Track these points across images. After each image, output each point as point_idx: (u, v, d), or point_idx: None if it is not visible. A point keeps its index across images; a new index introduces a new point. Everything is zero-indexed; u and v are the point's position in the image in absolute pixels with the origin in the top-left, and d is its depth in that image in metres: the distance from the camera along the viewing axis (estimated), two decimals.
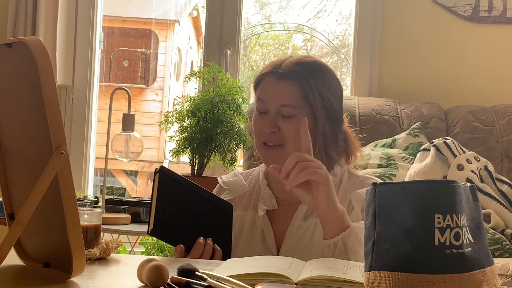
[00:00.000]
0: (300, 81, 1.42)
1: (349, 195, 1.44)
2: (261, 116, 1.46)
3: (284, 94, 1.43)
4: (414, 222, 0.83)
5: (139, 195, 5.49)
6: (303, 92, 1.42)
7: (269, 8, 4.44)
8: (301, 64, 1.45)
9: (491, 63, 2.86)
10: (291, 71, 1.44)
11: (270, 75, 1.46)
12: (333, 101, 1.46)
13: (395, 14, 2.92)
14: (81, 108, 3.14)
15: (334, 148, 1.48)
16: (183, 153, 2.13)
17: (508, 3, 2.85)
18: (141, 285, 0.96)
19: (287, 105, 1.42)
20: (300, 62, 1.46)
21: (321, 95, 1.43)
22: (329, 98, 1.45)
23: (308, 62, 1.47)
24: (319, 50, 4.19)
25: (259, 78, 1.49)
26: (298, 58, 1.48)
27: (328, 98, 1.45)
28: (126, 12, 5.52)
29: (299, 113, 1.42)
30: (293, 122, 1.41)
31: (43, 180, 0.92)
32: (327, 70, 1.48)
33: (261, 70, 1.53)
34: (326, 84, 1.45)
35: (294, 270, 1.05)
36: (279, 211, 1.49)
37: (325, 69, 1.48)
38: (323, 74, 1.47)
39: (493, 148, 2.42)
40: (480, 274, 0.84)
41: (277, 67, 1.46)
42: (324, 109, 1.44)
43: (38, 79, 0.90)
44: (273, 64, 1.48)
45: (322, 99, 1.43)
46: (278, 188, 1.51)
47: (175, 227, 1.30)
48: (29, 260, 1.09)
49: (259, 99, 1.47)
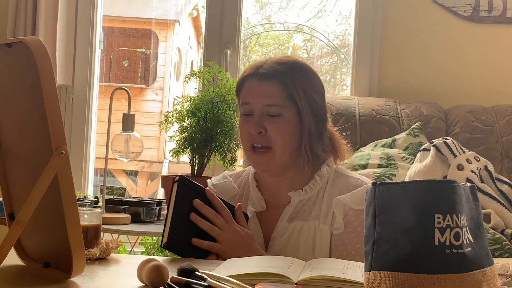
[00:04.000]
0: (283, 80, 1.42)
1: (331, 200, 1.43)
2: (246, 119, 1.45)
3: (268, 94, 1.43)
4: (414, 222, 0.83)
5: (139, 195, 5.49)
6: (287, 90, 1.42)
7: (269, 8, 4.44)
8: (283, 64, 1.45)
9: (491, 63, 2.86)
10: (273, 70, 1.43)
11: (252, 77, 1.46)
12: (317, 98, 1.46)
13: (395, 14, 2.92)
14: (81, 108, 3.13)
15: (320, 146, 1.47)
16: (183, 153, 2.13)
17: (508, 3, 2.85)
18: (141, 285, 0.96)
19: (273, 104, 1.42)
20: (281, 61, 1.46)
21: (305, 92, 1.43)
22: (313, 95, 1.45)
23: (289, 61, 1.47)
24: (319, 50, 4.19)
25: (241, 81, 1.49)
26: (279, 58, 1.48)
27: (312, 95, 1.45)
28: (126, 12, 5.52)
29: (284, 112, 1.42)
30: (279, 122, 1.42)
31: (43, 180, 0.92)
32: (308, 68, 1.49)
33: (241, 74, 1.52)
34: (309, 81, 1.46)
35: (294, 270, 1.05)
36: (267, 213, 1.49)
37: (307, 67, 1.49)
38: (305, 72, 1.47)
39: (493, 148, 2.42)
40: (480, 274, 0.84)
41: (258, 68, 1.45)
42: (309, 106, 1.44)
43: (38, 79, 0.90)
44: (254, 66, 1.48)
45: (306, 96, 1.43)
46: (268, 190, 1.51)
47: (189, 240, 1.29)
48: (29, 260, 1.09)
49: (243, 103, 1.46)
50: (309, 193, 1.46)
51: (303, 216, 1.43)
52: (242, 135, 1.47)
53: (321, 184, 1.46)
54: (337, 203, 1.40)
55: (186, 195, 1.30)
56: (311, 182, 1.47)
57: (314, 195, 1.46)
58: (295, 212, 1.45)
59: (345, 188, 1.44)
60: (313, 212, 1.43)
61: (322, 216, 1.41)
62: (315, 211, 1.43)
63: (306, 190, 1.46)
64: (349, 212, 1.39)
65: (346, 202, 1.39)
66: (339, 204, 1.40)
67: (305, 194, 1.46)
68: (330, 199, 1.43)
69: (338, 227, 1.39)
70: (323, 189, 1.46)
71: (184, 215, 1.29)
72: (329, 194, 1.44)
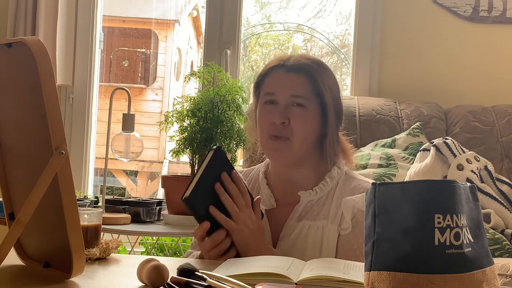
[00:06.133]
0: (311, 74, 1.45)
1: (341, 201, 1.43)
2: (269, 109, 1.45)
3: (295, 86, 1.44)
4: (414, 222, 0.83)
5: (139, 195, 5.49)
6: (314, 84, 1.44)
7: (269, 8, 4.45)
8: (309, 59, 1.49)
9: (491, 63, 2.86)
10: (301, 64, 1.46)
11: (279, 68, 1.47)
12: (337, 96, 1.50)
13: (395, 14, 2.92)
14: (81, 108, 3.13)
15: (336, 146, 1.49)
16: (183, 153, 2.12)
17: (508, 3, 2.85)
18: (141, 285, 0.96)
19: (299, 95, 1.43)
20: (306, 57, 1.50)
21: (330, 89, 1.47)
22: (336, 94, 1.49)
23: (314, 58, 1.52)
24: (319, 50, 4.19)
25: (266, 71, 1.50)
26: (304, 54, 1.53)
27: (335, 93, 1.48)
28: (126, 12, 5.52)
29: (309, 104, 1.43)
30: (303, 113, 1.43)
31: (43, 180, 0.92)
32: (329, 68, 1.53)
33: (265, 65, 1.53)
34: (331, 79, 1.49)
35: (294, 270, 1.05)
36: (277, 211, 1.49)
37: (328, 67, 1.53)
38: (328, 71, 1.51)
39: (493, 148, 2.42)
40: (480, 274, 0.84)
41: (286, 61, 1.48)
42: (333, 103, 1.46)
43: (38, 79, 0.90)
44: (280, 58, 1.50)
45: (331, 93, 1.47)
46: (278, 187, 1.52)
47: (207, 205, 1.30)
48: (29, 260, 1.09)
49: (267, 93, 1.47)
50: (319, 194, 1.46)
51: (312, 216, 1.44)
52: (263, 124, 1.47)
53: (331, 185, 1.47)
54: (346, 204, 1.41)
55: (217, 165, 1.31)
56: (321, 183, 1.47)
57: (324, 196, 1.46)
58: (304, 211, 1.45)
59: (356, 190, 1.44)
60: (322, 212, 1.43)
61: (331, 216, 1.42)
62: (324, 212, 1.43)
63: (316, 190, 1.46)
64: (358, 213, 1.39)
65: (355, 203, 1.40)
66: (348, 205, 1.41)
67: (315, 195, 1.46)
68: (339, 200, 1.43)
69: (346, 227, 1.39)
70: (333, 190, 1.47)
71: (210, 181, 1.30)
72: (338, 196, 1.45)
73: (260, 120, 1.48)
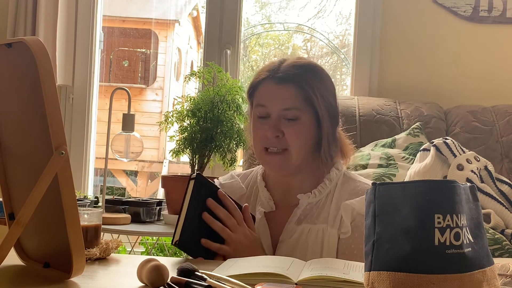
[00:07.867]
0: (301, 84, 1.42)
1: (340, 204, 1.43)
2: (262, 122, 1.45)
3: (286, 97, 1.42)
4: (414, 222, 0.82)
5: (139, 195, 5.49)
6: (305, 94, 1.42)
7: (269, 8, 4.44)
8: (299, 67, 1.45)
9: (491, 63, 2.86)
10: (290, 74, 1.43)
11: (269, 80, 1.45)
12: (332, 101, 1.47)
13: (395, 14, 2.92)
14: (81, 108, 3.13)
15: (333, 149, 1.48)
16: (183, 153, 2.12)
17: (508, 3, 2.85)
18: (141, 285, 0.96)
19: (290, 108, 1.42)
20: (296, 64, 1.46)
21: (322, 96, 1.44)
22: (329, 98, 1.46)
23: (305, 64, 1.47)
24: (319, 50, 4.19)
25: (256, 84, 1.48)
26: (294, 61, 1.47)
27: (328, 98, 1.45)
28: (126, 12, 5.51)
29: (301, 115, 1.42)
30: (297, 125, 1.42)
31: (43, 180, 0.92)
32: (322, 70, 1.49)
33: (254, 76, 1.51)
34: (324, 84, 1.46)
35: (294, 270, 1.05)
36: (276, 213, 1.49)
37: (321, 70, 1.49)
38: (320, 75, 1.47)
39: (493, 148, 2.42)
40: (480, 274, 0.84)
41: (275, 72, 1.45)
42: (326, 110, 1.44)
43: (38, 79, 0.90)
44: (269, 68, 1.47)
45: (323, 99, 1.44)
46: (277, 190, 1.51)
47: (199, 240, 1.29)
48: (29, 260, 1.09)
49: (258, 105, 1.46)
50: (318, 196, 1.46)
51: (312, 219, 1.43)
52: (257, 137, 1.46)
53: (330, 187, 1.46)
54: (345, 208, 1.40)
55: (201, 194, 1.30)
56: (320, 185, 1.47)
57: (323, 198, 1.46)
58: (303, 214, 1.45)
59: (354, 192, 1.44)
60: (322, 215, 1.43)
61: (330, 219, 1.41)
62: (324, 215, 1.43)
63: (315, 193, 1.46)
64: (357, 217, 1.39)
65: (355, 207, 1.39)
66: (347, 209, 1.40)
67: (314, 197, 1.46)
68: (338, 203, 1.43)
69: (346, 231, 1.39)
70: (331, 192, 1.46)
71: (197, 213, 1.29)
72: (337, 198, 1.44)
73: (254, 132, 1.48)
